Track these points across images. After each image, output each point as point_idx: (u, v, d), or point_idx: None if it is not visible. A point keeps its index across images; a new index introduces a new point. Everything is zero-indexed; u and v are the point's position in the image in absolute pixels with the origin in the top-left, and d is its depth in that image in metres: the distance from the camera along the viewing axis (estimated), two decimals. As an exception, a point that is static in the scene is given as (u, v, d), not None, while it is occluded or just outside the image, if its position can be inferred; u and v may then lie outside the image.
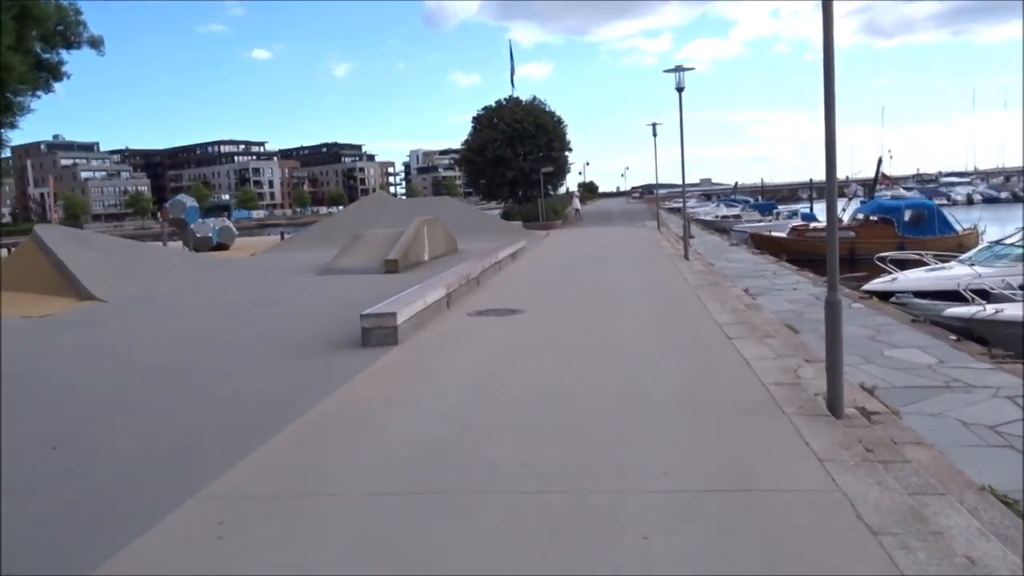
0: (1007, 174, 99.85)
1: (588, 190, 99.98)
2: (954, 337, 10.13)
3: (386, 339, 9.29)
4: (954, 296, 15.50)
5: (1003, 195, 72.20)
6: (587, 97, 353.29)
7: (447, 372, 7.71)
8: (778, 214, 41.17)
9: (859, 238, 28.98)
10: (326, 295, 14.79)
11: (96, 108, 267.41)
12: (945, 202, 45.41)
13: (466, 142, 44.41)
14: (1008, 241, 17.32)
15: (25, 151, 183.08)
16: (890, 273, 17.46)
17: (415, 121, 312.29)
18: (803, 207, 59.10)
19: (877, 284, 16.84)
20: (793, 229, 31.15)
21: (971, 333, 11.93)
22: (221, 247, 41.42)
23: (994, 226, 30.28)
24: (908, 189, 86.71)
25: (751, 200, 72.18)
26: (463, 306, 12.25)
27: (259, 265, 24.36)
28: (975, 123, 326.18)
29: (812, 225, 31.70)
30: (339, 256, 20.23)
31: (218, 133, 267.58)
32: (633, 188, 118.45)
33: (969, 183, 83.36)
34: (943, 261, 17.88)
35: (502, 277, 16.64)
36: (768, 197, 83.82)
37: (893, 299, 14.94)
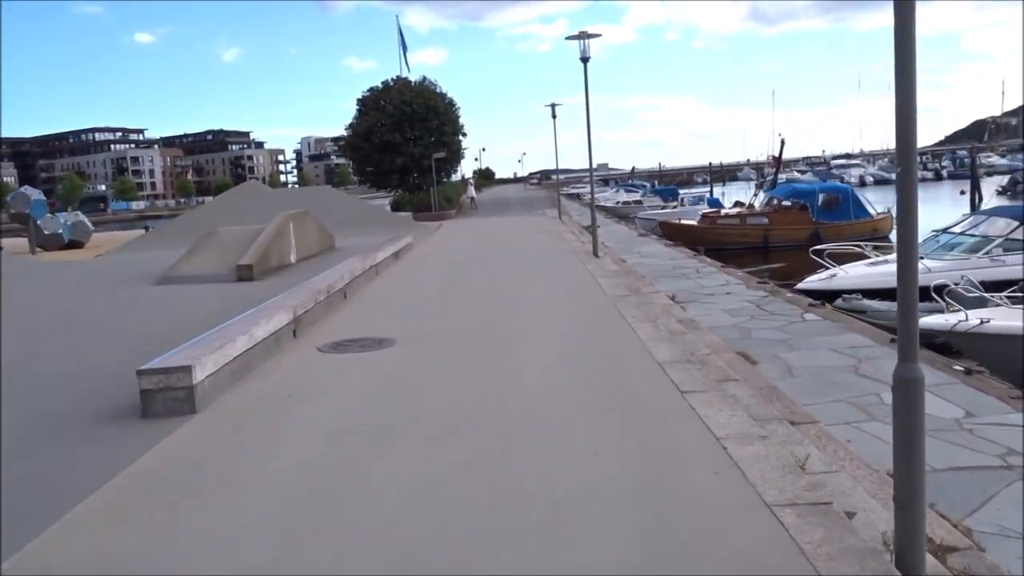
0: (893, 156, 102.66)
1: (485, 177, 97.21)
2: (961, 368, 7.75)
3: (179, 406, 6.18)
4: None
5: (894, 176, 73.09)
6: (483, 83, 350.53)
7: (258, 478, 4.69)
8: (683, 200, 39.33)
9: (773, 225, 27.22)
10: (145, 318, 11.41)
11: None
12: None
13: (350, 126, 40.77)
14: (956, 229, 15.42)
15: None
16: (826, 268, 15.32)
17: (308, 108, 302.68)
18: (702, 191, 58.06)
19: (815, 282, 14.63)
20: (704, 216, 29.13)
21: (936, 343, 9.75)
22: (74, 245, 36.64)
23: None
24: (801, 172, 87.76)
25: (648, 185, 71.01)
26: (317, 333, 9.19)
27: (94, 270, 20.48)
28: (861, 107, 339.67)
29: (723, 211, 29.79)
30: (184, 260, 16.68)
31: (95, 120, 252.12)
32: (531, 174, 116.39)
33: (860, 165, 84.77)
34: (884, 253, 15.88)
35: (379, 285, 13.61)
36: (666, 182, 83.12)
37: (840, 301, 12.69)
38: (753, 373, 7.28)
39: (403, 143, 38.88)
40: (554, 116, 32.58)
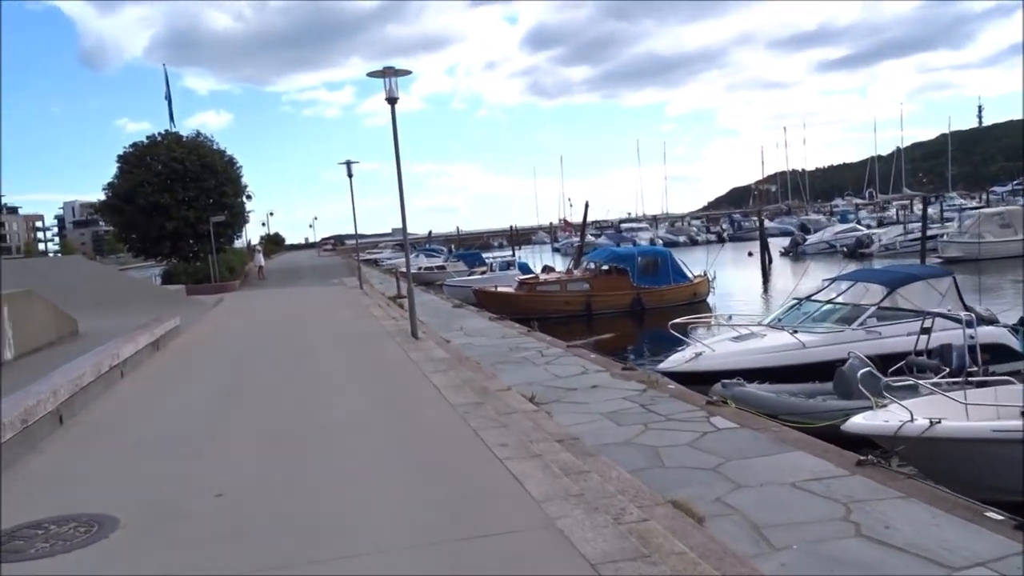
0: (673, 219, 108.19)
1: (274, 242, 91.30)
2: (999, 516, 5.34)
3: None
4: (792, 374, 11.44)
5: (681, 239, 76.29)
6: (270, 147, 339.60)
7: None
8: (492, 265, 37.13)
9: (594, 291, 25.39)
10: None
11: None
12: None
13: (110, 185, 35.11)
14: (819, 297, 13.84)
15: None
16: (687, 344, 13.16)
17: (74, 171, 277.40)
18: (504, 255, 56.69)
19: (680, 363, 12.36)
20: (522, 283, 26.83)
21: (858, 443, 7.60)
22: None
23: (712, 269, 28.44)
24: (595, 235, 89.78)
25: (446, 250, 69.18)
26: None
27: None
28: (638, 174, 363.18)
29: (542, 278, 27.68)
30: None
31: None
32: (324, 239, 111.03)
33: (648, 228, 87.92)
34: (737, 325, 14.01)
35: (119, 398, 9.66)
36: (465, 246, 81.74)
37: (719, 387, 10.40)
38: (714, 548, 4.49)
39: (174, 205, 33.87)
40: (350, 174, 29.47)
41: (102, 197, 35.93)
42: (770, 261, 44.92)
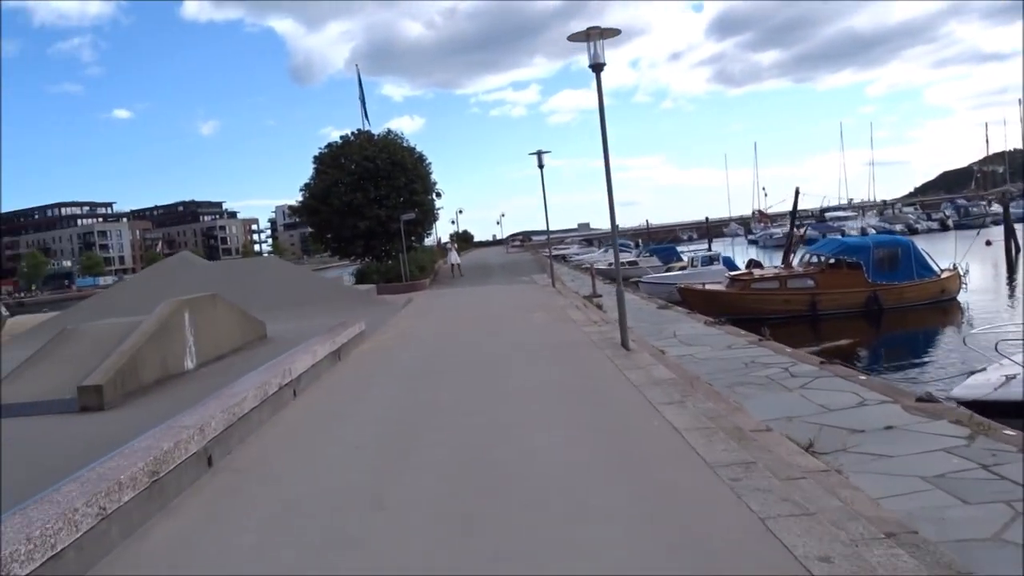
0: (882, 206, 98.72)
1: (463, 240, 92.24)
2: None
3: None
4: None
5: (897, 227, 68.84)
6: (460, 148, 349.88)
7: None
8: (692, 260, 34.12)
9: (820, 288, 22.02)
10: None
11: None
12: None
13: (306, 187, 35.54)
14: None
15: None
16: (990, 363, 10.04)
17: (285, 177, 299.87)
18: (697, 249, 53.24)
19: (984, 388, 9.30)
20: (734, 280, 23.84)
21: None
22: (-18, 334, 30.80)
23: (967, 261, 24.06)
24: (798, 227, 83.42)
25: (634, 244, 66.50)
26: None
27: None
28: (842, 159, 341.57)
29: (757, 274, 24.52)
30: (16, 374, 11.14)
31: (64, 196, 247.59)
32: (512, 236, 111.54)
33: (856, 216, 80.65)
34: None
35: (284, 429, 8.11)
36: (656, 240, 78.50)
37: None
38: None
39: (366, 204, 33.66)
40: (541, 165, 27.75)
41: (301, 199, 36.48)
42: (1018, 250, 38.79)
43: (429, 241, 50.22)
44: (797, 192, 34.88)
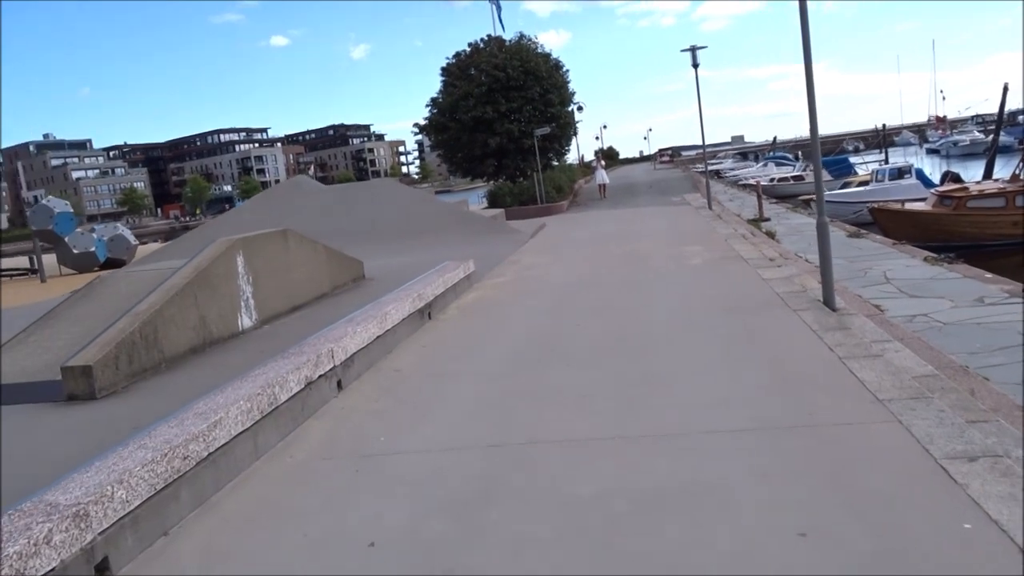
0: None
1: (607, 156, 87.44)
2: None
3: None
4: None
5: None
6: (606, 62, 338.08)
7: None
8: (876, 173, 28.63)
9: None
10: None
11: (102, 105, 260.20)
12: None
13: (433, 101, 32.48)
14: None
15: (15, 153, 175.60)
16: None
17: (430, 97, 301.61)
18: (873, 159, 46.64)
19: None
20: (943, 198, 18.83)
21: None
22: (113, 263, 30.26)
23: None
24: (982, 133, 73.12)
25: (792, 156, 59.86)
26: None
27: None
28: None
29: (974, 188, 19.34)
30: (19, 340, 8.74)
31: (224, 122, 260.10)
32: (660, 151, 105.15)
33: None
34: None
35: (329, 429, 5.12)
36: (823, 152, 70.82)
37: None
38: None
39: (497, 118, 30.28)
40: (695, 64, 23.47)
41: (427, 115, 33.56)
42: None
43: (570, 158, 46.40)
44: (1005, 89, 28.46)
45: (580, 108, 41.13)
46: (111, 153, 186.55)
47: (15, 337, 8.71)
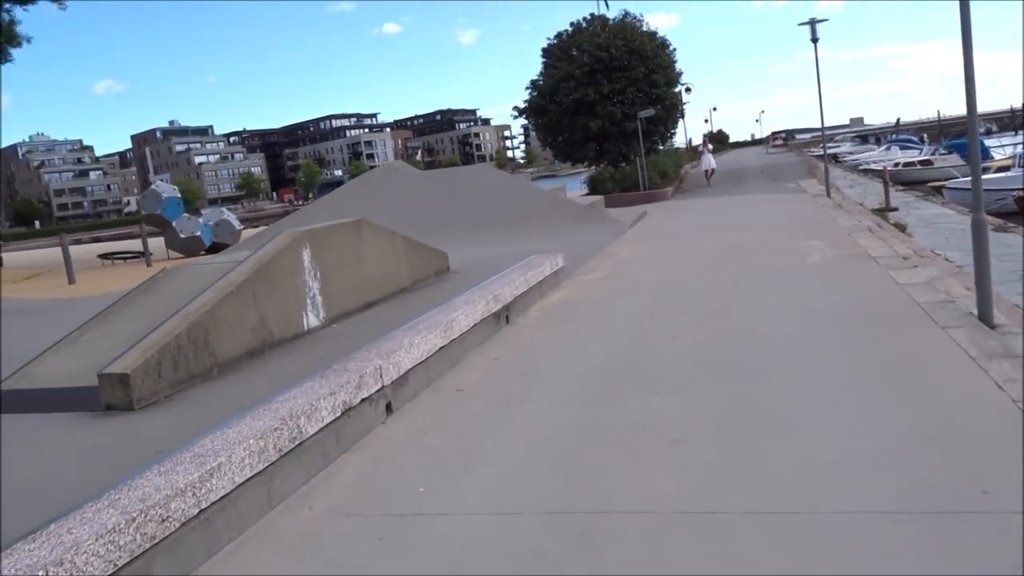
0: None
1: (716, 140, 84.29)
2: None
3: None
4: None
5: None
6: (717, 45, 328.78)
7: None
8: (1020, 158, 25.79)
9: None
10: None
11: (223, 91, 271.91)
12: None
13: (532, 83, 31.41)
14: None
15: (143, 139, 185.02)
16: None
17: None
18: (1009, 142, 42.81)
19: None
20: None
21: None
22: (219, 248, 30.72)
23: None
24: None
25: (917, 139, 55.77)
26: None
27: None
28: None
29: None
30: (76, 337, 8.23)
31: (336, 108, 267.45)
32: (773, 134, 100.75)
33: None
34: None
35: (334, 504, 4.23)
36: (947, 135, 66.02)
37: None
38: None
39: (599, 100, 28.94)
40: (815, 38, 21.56)
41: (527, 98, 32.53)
42: None
43: (677, 141, 44.44)
44: None
45: (688, 89, 39.27)
46: (231, 139, 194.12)
47: (68, 336, 8.19)
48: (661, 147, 34.57)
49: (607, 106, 29.22)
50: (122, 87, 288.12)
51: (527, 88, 31.79)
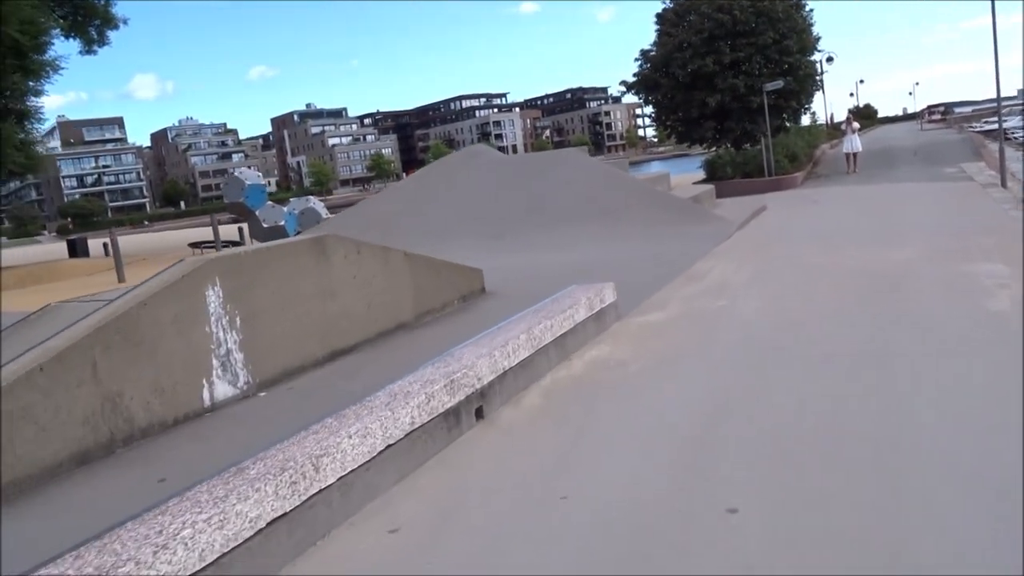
0: None
1: (863, 116, 76.72)
2: None
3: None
4: None
5: None
6: (865, 12, 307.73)
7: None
8: None
9: None
10: None
11: (363, 74, 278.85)
12: None
13: (643, 54, 27.61)
14: None
15: (282, 122, 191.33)
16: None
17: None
18: None
19: None
20: None
21: None
22: (304, 238, 28.99)
23: None
24: None
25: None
26: None
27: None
28: None
29: None
30: None
31: (466, 88, 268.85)
32: (928, 107, 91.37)
33: None
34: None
35: None
36: None
37: None
38: None
39: (719, 72, 24.94)
40: (995, -13, 16.95)
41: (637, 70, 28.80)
42: None
43: (805, 120, 39.30)
44: None
45: (830, 59, 34.38)
46: (364, 121, 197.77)
47: None
48: (791, 124, 30.00)
49: (728, 78, 25.16)
50: (274, 72, 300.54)
51: (636, 60, 28.09)
